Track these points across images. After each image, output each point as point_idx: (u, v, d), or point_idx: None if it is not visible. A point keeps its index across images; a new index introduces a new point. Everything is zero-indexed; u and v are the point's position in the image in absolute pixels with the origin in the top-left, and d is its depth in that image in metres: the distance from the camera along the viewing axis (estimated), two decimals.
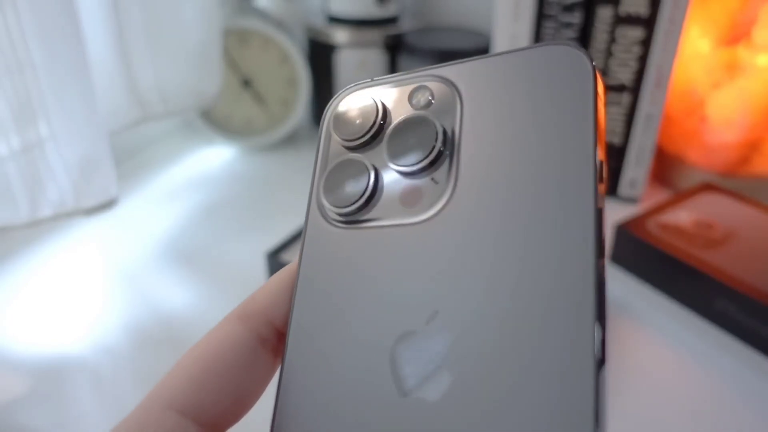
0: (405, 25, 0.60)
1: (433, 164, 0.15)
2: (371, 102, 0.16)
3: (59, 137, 0.39)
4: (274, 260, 0.41)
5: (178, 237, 0.48)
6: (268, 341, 0.15)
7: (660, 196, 0.53)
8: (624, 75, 0.48)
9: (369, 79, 0.17)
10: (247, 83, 0.60)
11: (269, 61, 0.59)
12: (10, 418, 0.32)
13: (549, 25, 0.48)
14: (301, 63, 0.58)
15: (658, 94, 0.48)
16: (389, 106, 0.16)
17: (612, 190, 0.53)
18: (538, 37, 0.48)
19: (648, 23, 0.46)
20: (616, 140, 0.51)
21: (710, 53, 0.48)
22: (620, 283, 0.42)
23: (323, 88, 0.62)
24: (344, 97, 0.17)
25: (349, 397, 0.13)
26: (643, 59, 0.47)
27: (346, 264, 0.15)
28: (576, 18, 0.47)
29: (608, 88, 0.49)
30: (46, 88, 0.37)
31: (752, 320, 0.36)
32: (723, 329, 0.37)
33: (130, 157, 0.60)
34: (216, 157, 0.62)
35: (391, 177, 0.15)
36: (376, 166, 0.15)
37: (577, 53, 0.14)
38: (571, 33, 0.48)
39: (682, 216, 0.44)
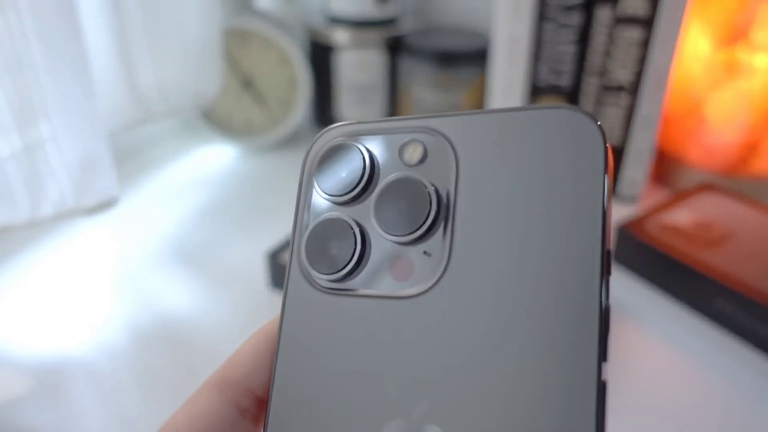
0: (405, 26, 0.60)
1: (425, 236, 0.13)
2: (357, 152, 0.15)
3: (60, 137, 0.39)
4: (274, 260, 0.41)
5: (179, 237, 0.48)
6: (248, 411, 0.14)
7: (659, 196, 0.53)
8: (623, 76, 0.48)
9: (355, 121, 0.15)
10: (247, 83, 0.60)
11: (269, 61, 0.59)
12: (10, 418, 0.32)
13: (548, 27, 0.48)
14: (301, 63, 0.58)
15: (657, 95, 0.48)
16: (378, 158, 0.14)
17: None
18: (538, 38, 0.48)
19: (647, 24, 0.46)
20: (616, 141, 0.51)
21: (709, 54, 0.49)
22: (620, 283, 0.42)
23: (323, 89, 0.62)
24: (327, 141, 0.15)
25: None
26: (642, 60, 0.47)
27: (330, 334, 0.14)
28: (575, 19, 0.47)
29: (607, 89, 0.49)
30: (46, 88, 0.37)
31: (751, 320, 0.36)
32: (722, 329, 0.38)
33: (130, 157, 0.60)
34: (216, 157, 0.62)
35: (380, 242, 0.14)
36: (363, 226, 0.14)
37: (589, 123, 0.12)
38: (571, 34, 0.48)
39: (682, 216, 0.44)
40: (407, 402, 0.12)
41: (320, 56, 0.60)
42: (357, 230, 0.14)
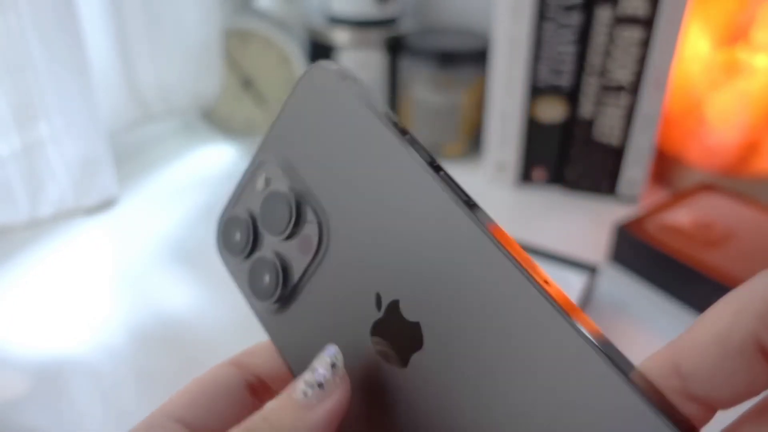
0: (405, 26, 0.60)
1: (299, 222, 0.17)
2: (239, 218, 0.19)
3: (60, 137, 0.39)
4: None
5: (179, 237, 0.48)
6: (252, 385, 0.17)
7: (659, 196, 0.53)
8: (623, 76, 0.48)
9: (230, 197, 0.20)
10: (247, 83, 0.60)
11: (270, 61, 0.59)
12: (10, 418, 0.32)
13: (548, 27, 0.48)
14: (301, 64, 0.58)
15: (656, 95, 0.48)
16: (252, 208, 0.18)
17: (611, 189, 0.53)
18: (538, 38, 0.48)
19: (647, 24, 0.46)
20: (616, 141, 0.51)
21: (709, 54, 0.49)
22: (620, 283, 0.42)
23: None
24: (220, 223, 0.20)
25: None
26: (642, 60, 0.47)
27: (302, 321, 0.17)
28: (575, 19, 0.47)
29: (607, 89, 0.49)
30: (46, 88, 0.37)
31: None
32: None
33: (130, 157, 0.60)
34: (216, 157, 0.62)
35: (285, 247, 0.17)
36: (281, 253, 0.18)
37: (320, 70, 0.17)
38: (571, 34, 0.48)
39: (682, 216, 0.44)
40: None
41: (320, 56, 0.60)
42: (275, 257, 0.18)
